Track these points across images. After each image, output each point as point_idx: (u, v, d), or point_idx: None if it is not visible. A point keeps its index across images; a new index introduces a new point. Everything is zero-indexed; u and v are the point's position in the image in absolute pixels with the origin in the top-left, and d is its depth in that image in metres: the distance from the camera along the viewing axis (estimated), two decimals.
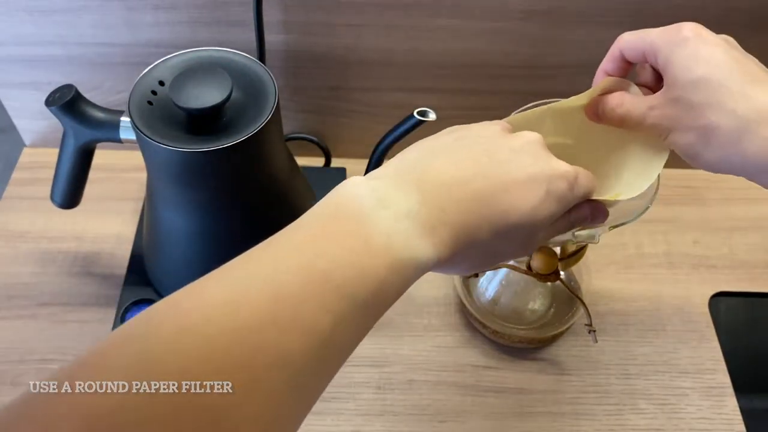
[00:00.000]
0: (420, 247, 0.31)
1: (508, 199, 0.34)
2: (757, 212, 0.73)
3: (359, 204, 0.32)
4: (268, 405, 0.26)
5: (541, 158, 0.36)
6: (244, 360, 0.26)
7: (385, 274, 0.30)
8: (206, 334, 0.26)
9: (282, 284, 0.28)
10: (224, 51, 0.53)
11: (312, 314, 0.27)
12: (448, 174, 0.33)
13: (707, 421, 0.58)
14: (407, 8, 0.61)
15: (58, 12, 0.62)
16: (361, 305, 0.29)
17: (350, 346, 0.30)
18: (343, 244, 0.30)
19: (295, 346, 0.27)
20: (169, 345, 0.25)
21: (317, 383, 0.29)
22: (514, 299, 0.63)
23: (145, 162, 0.53)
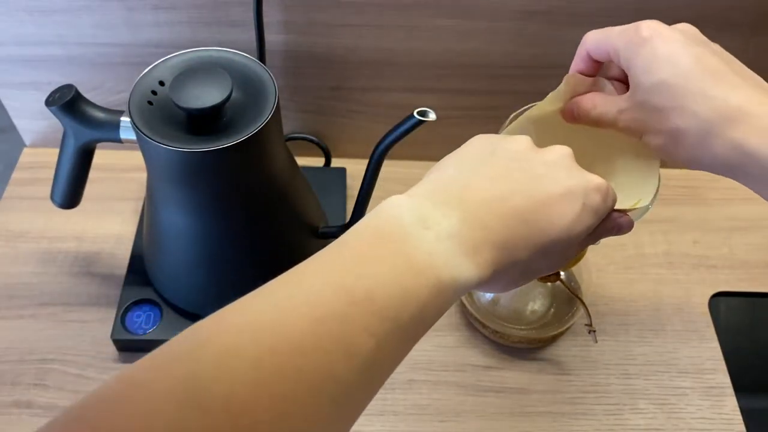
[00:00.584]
0: (462, 267, 0.31)
1: (547, 215, 0.34)
2: (757, 212, 0.73)
3: (400, 223, 0.31)
4: (314, 424, 0.26)
5: (574, 171, 0.36)
6: (291, 383, 0.26)
7: (427, 294, 0.30)
8: (254, 357, 0.26)
9: (326, 304, 0.28)
10: (224, 51, 0.53)
11: (356, 337, 0.27)
12: (487, 192, 0.33)
13: (707, 421, 0.58)
14: (407, 8, 0.61)
15: (58, 12, 0.62)
16: (404, 327, 0.29)
17: (392, 366, 0.30)
18: (386, 263, 0.30)
19: (338, 369, 0.27)
20: (216, 367, 0.25)
21: (360, 403, 0.29)
22: (514, 299, 0.63)
23: (145, 162, 0.53)
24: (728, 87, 0.35)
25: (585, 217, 0.35)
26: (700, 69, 0.36)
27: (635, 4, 0.61)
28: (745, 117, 0.34)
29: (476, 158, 0.36)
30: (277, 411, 0.25)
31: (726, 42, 0.65)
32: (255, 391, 0.25)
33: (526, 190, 0.34)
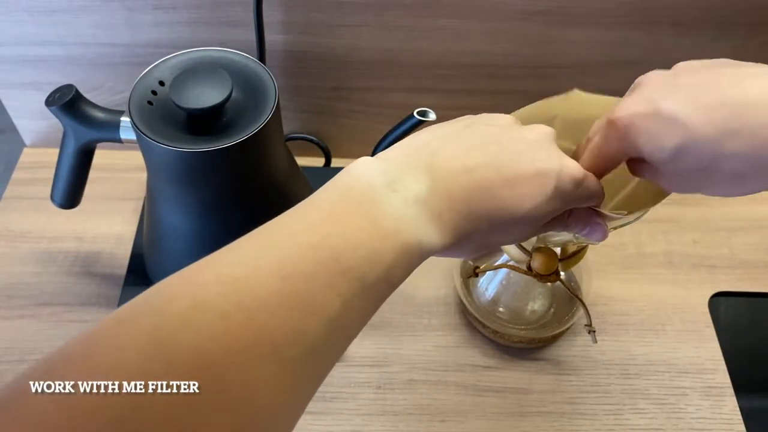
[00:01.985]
0: (428, 233, 0.32)
1: (515, 193, 0.33)
2: (757, 212, 0.73)
3: (369, 185, 0.32)
4: (279, 382, 0.26)
5: (552, 154, 0.35)
6: (258, 339, 0.26)
7: (392, 258, 0.30)
8: (221, 312, 0.26)
9: (294, 263, 0.28)
10: (224, 51, 0.53)
11: (322, 296, 0.28)
12: (458, 161, 0.33)
13: (707, 420, 0.58)
14: (407, 8, 0.61)
15: (58, 12, 0.62)
16: (369, 288, 0.30)
17: (358, 326, 0.31)
18: (353, 224, 0.30)
19: (305, 326, 0.27)
20: (183, 321, 0.25)
21: (327, 362, 0.29)
22: (514, 299, 0.63)
23: (145, 162, 0.53)
24: (727, 121, 0.32)
25: (553, 202, 0.34)
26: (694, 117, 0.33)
27: (635, 4, 0.61)
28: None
29: (453, 130, 0.36)
30: (244, 366, 0.25)
31: (726, 42, 0.66)
32: (222, 345, 0.25)
33: (499, 164, 0.33)
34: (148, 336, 0.25)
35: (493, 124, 0.36)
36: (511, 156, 0.33)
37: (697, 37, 0.65)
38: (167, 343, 0.24)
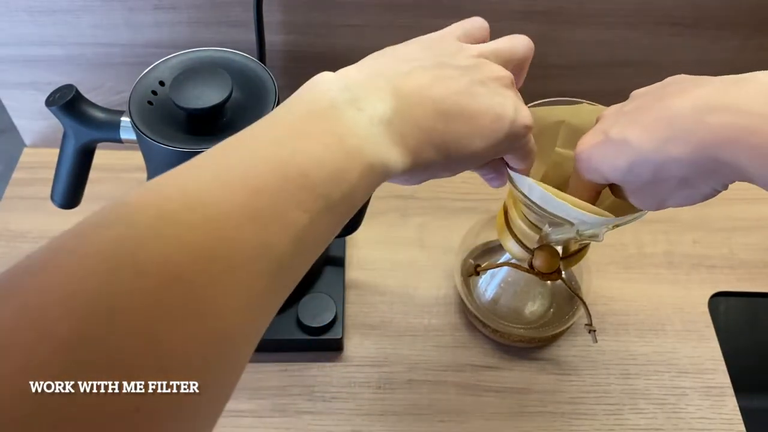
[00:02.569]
0: (391, 154, 0.32)
1: (473, 131, 0.34)
2: (757, 212, 0.73)
3: (333, 102, 0.32)
4: (248, 294, 0.26)
5: (509, 100, 0.36)
6: (225, 251, 0.25)
7: (357, 176, 0.30)
8: (188, 223, 0.25)
9: (261, 177, 0.28)
10: (224, 51, 0.53)
11: (290, 211, 0.28)
12: (425, 90, 0.34)
13: (707, 420, 0.58)
14: (407, 8, 0.61)
15: (58, 12, 0.62)
16: (333, 206, 0.30)
17: (323, 243, 0.31)
18: (319, 141, 0.30)
19: (273, 240, 0.27)
20: (151, 230, 0.25)
21: (294, 275, 0.30)
22: (514, 299, 0.63)
23: (146, 162, 0.53)
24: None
25: (503, 144, 0.36)
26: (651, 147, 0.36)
27: (635, 4, 0.61)
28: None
29: (417, 54, 0.36)
30: (214, 278, 0.25)
31: (725, 43, 0.66)
32: (191, 257, 0.25)
33: (462, 100, 0.34)
34: (114, 243, 0.24)
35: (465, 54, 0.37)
36: (474, 95, 0.35)
37: (697, 37, 0.65)
38: (135, 252, 0.24)
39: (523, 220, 0.51)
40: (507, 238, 0.54)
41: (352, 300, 0.65)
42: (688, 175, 0.35)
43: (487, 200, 0.72)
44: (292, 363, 0.60)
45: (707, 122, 0.33)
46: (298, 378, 0.60)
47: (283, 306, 0.67)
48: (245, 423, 0.57)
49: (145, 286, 0.23)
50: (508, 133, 0.35)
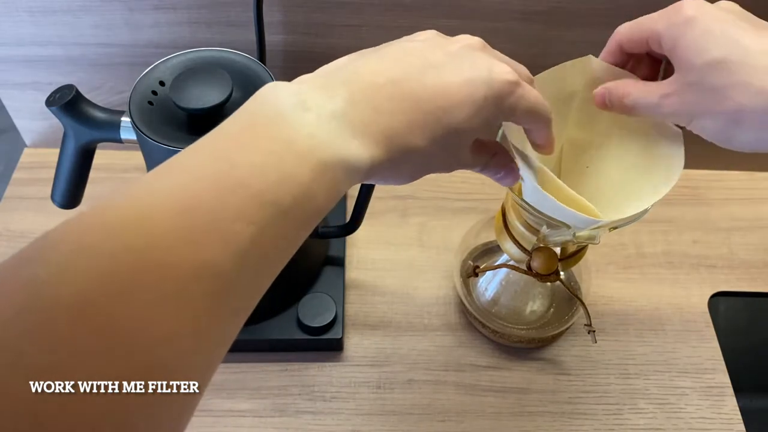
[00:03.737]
0: (349, 147, 0.30)
1: (444, 103, 0.32)
2: (757, 212, 0.73)
3: (278, 108, 0.29)
4: (186, 318, 0.24)
5: (478, 61, 0.33)
6: (153, 278, 0.23)
7: (310, 177, 0.28)
8: (108, 253, 0.23)
9: (195, 195, 0.26)
10: (224, 51, 0.53)
11: (230, 224, 0.26)
12: (380, 74, 0.31)
13: (707, 420, 0.58)
14: (407, 8, 0.61)
15: (59, 12, 0.62)
16: (286, 211, 0.27)
17: (281, 254, 0.28)
18: (262, 149, 0.28)
19: (213, 258, 0.25)
20: (64, 265, 0.23)
21: (246, 296, 0.27)
22: (514, 299, 0.63)
23: (146, 162, 0.53)
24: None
25: (487, 109, 0.33)
26: (758, 45, 0.34)
27: (635, 5, 0.61)
28: None
29: (374, 49, 0.34)
30: (139, 308, 0.23)
31: None
32: (109, 289, 0.23)
33: (422, 77, 0.32)
34: (26, 283, 0.23)
35: (416, 39, 0.35)
36: (435, 67, 0.32)
37: None
38: (44, 293, 0.22)
39: (521, 221, 0.51)
40: (505, 239, 0.54)
41: (352, 300, 0.65)
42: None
43: (487, 200, 0.72)
44: (292, 363, 0.60)
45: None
46: (298, 378, 0.60)
47: (283, 306, 0.67)
48: (245, 423, 0.57)
49: (54, 328, 0.22)
50: (486, 94, 0.32)
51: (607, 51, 0.41)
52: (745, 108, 0.35)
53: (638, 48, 0.40)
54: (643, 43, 0.39)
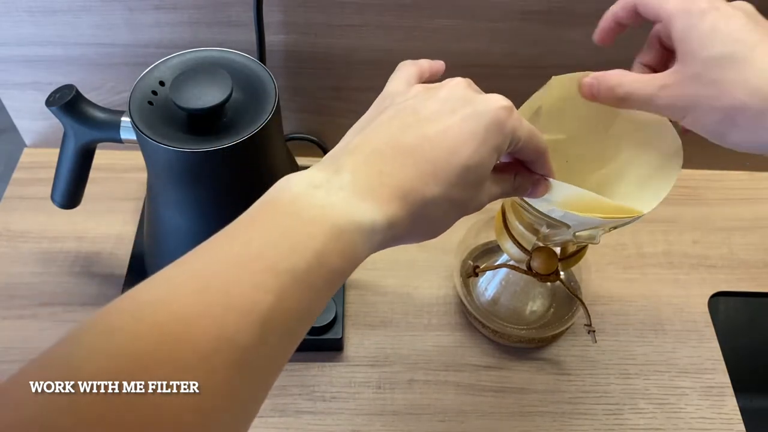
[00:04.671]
0: (361, 210, 0.31)
1: (446, 146, 0.33)
2: (757, 212, 0.73)
3: (291, 191, 0.31)
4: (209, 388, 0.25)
5: (472, 97, 0.35)
6: (174, 353, 0.25)
7: (323, 242, 0.29)
8: (134, 332, 0.25)
9: (212, 275, 0.27)
10: (224, 51, 0.53)
11: (247, 296, 0.27)
12: (379, 140, 0.33)
13: (707, 420, 0.58)
14: (407, 8, 0.61)
15: (59, 12, 0.62)
16: (302, 278, 0.28)
17: (302, 319, 0.29)
18: (276, 225, 0.30)
19: (231, 331, 0.26)
20: (94, 346, 0.25)
21: (269, 364, 0.28)
22: (513, 299, 0.63)
23: (146, 162, 0.53)
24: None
25: (491, 138, 0.33)
26: (764, 44, 0.35)
27: None
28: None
29: (368, 118, 0.36)
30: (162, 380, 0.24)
31: None
32: (133, 364, 0.24)
33: (419, 128, 0.33)
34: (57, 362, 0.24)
35: (406, 97, 0.36)
36: (430, 117, 0.34)
37: None
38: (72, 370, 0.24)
39: (521, 221, 0.51)
40: (505, 239, 0.54)
41: (352, 300, 0.65)
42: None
43: None
44: (292, 363, 0.60)
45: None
46: (298, 378, 0.60)
47: None
48: None
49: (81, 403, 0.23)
50: (487, 125, 0.33)
51: (623, 4, 0.41)
52: (741, 105, 0.35)
53: (648, 14, 0.39)
54: (654, 12, 0.39)
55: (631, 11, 0.41)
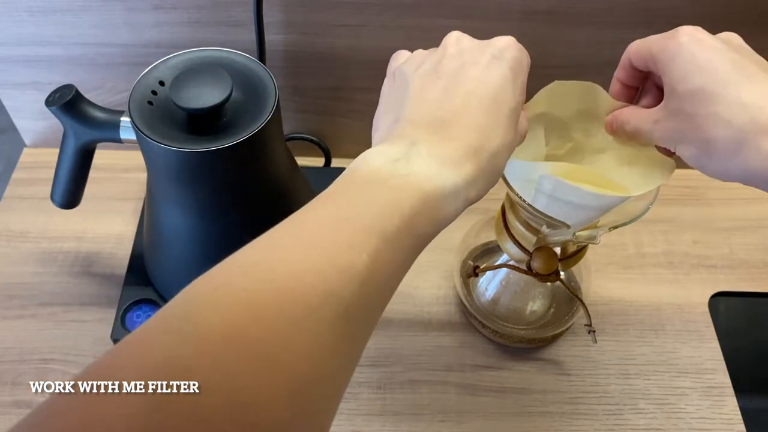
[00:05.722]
0: (442, 175, 0.33)
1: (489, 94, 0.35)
2: (757, 212, 0.73)
3: (371, 166, 0.33)
4: (318, 342, 0.27)
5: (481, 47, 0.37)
6: (286, 305, 0.26)
7: (410, 206, 0.31)
8: (245, 287, 0.27)
9: (312, 234, 0.30)
10: (224, 51, 0.53)
11: (344, 256, 0.29)
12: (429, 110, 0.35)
13: (707, 420, 0.58)
14: (407, 8, 0.61)
15: (59, 12, 0.62)
16: (391, 240, 0.30)
17: (392, 278, 0.32)
18: (363, 193, 0.32)
19: (335, 286, 0.28)
20: (209, 303, 0.26)
21: (365, 317, 0.30)
22: (514, 299, 0.63)
23: (146, 162, 0.53)
24: (766, 96, 0.34)
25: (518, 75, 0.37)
26: (738, 77, 0.35)
27: (635, 4, 0.61)
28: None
29: (396, 96, 0.38)
30: (278, 331, 0.26)
31: None
32: (249, 315, 0.26)
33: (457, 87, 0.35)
34: (177, 322, 0.26)
35: (419, 66, 0.38)
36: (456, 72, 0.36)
37: None
38: (197, 322, 0.25)
39: (521, 221, 0.51)
40: (505, 239, 0.54)
41: None
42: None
43: (487, 200, 0.71)
44: None
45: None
46: None
47: None
48: None
49: (208, 351, 0.24)
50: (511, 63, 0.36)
51: (621, 65, 0.42)
52: (713, 139, 0.35)
53: (642, 65, 0.40)
54: (644, 60, 0.39)
55: (630, 69, 0.41)
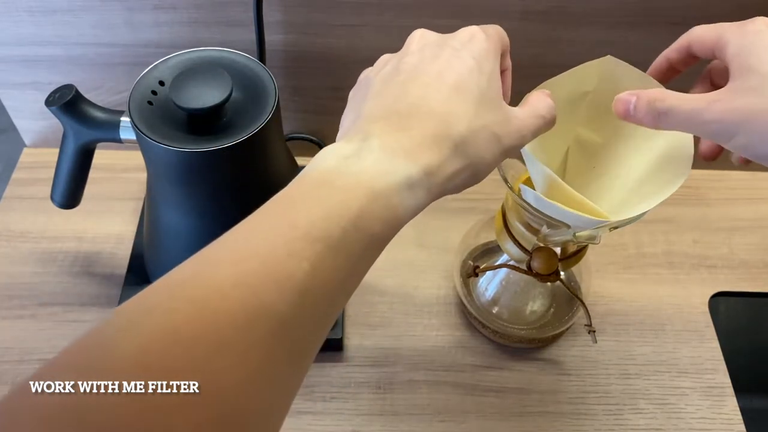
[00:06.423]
0: (392, 168, 0.31)
1: (450, 82, 0.34)
2: (757, 212, 0.73)
3: (322, 165, 0.31)
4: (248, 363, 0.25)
5: (440, 39, 0.36)
6: (209, 328, 0.24)
7: (358, 207, 0.29)
8: (168, 309, 0.25)
9: (247, 247, 0.27)
10: (224, 51, 0.53)
11: (282, 265, 0.27)
12: (387, 104, 0.34)
13: (707, 421, 0.58)
14: (407, 8, 0.61)
15: (58, 12, 0.62)
16: (338, 245, 0.28)
17: (340, 286, 0.29)
18: (308, 197, 0.29)
19: (269, 300, 0.26)
20: (129, 329, 0.24)
21: (306, 334, 0.28)
22: (514, 299, 0.63)
23: (146, 162, 0.53)
24: None
25: (484, 64, 0.35)
26: None
27: (635, 4, 0.61)
28: None
29: (358, 98, 0.37)
30: (197, 360, 0.24)
31: None
32: (168, 342, 0.24)
33: (416, 79, 0.34)
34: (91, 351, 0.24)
35: (382, 68, 0.38)
36: (416, 67, 0.35)
37: None
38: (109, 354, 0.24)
39: (521, 221, 0.51)
40: (505, 239, 0.54)
41: (352, 300, 0.65)
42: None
43: (487, 200, 0.72)
44: None
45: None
46: None
47: None
48: None
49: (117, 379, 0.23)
50: (476, 53, 0.35)
51: (677, 46, 0.42)
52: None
53: (703, 51, 0.40)
54: (709, 46, 0.39)
55: (684, 52, 0.41)
